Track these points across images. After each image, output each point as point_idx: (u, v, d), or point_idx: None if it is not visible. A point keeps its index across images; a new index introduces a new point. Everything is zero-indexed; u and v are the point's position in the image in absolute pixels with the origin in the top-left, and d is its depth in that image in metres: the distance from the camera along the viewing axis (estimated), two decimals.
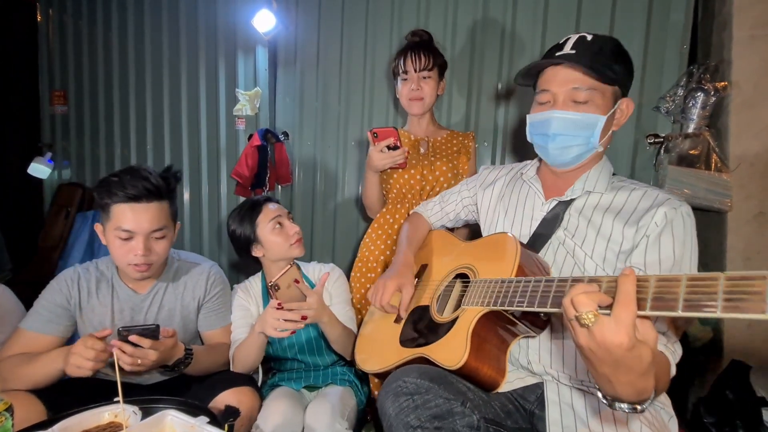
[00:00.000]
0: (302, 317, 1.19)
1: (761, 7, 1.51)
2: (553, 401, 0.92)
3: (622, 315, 0.61)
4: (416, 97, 1.59)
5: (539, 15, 1.80)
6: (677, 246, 0.86)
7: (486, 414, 0.91)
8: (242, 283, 1.51)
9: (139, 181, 1.17)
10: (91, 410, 0.97)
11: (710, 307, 0.55)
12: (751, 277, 0.54)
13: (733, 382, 1.43)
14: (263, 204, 1.43)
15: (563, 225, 0.99)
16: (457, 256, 1.15)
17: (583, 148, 0.97)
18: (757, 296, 0.52)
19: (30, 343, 1.20)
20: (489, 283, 0.92)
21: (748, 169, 1.55)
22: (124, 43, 2.45)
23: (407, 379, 0.86)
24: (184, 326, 1.35)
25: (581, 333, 0.65)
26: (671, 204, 0.89)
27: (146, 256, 1.19)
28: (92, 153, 2.57)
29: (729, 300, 0.54)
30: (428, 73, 1.57)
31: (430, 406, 0.82)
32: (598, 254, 0.93)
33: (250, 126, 2.27)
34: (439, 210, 1.37)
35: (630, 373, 0.63)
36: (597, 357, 0.64)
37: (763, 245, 1.55)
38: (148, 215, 1.18)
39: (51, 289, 1.26)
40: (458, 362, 0.88)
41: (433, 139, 1.68)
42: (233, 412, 0.99)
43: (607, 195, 0.98)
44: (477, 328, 0.90)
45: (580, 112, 0.94)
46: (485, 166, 1.32)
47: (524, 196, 1.11)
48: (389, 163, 1.51)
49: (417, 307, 1.15)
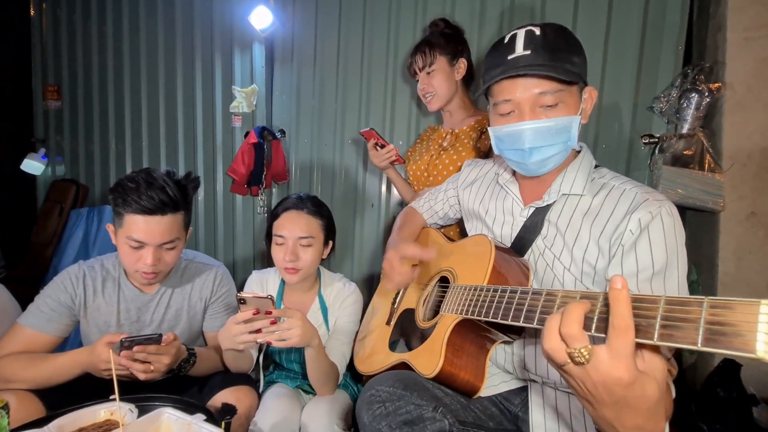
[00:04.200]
0: (272, 322, 1.08)
1: (755, 10, 1.53)
2: (537, 404, 0.92)
3: (618, 344, 0.51)
4: (426, 92, 1.58)
5: (536, 16, 1.81)
6: (656, 251, 0.80)
7: (465, 418, 0.91)
8: (261, 271, 1.48)
9: (155, 192, 1.12)
10: (87, 408, 0.96)
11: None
12: (688, 303, 0.48)
13: (724, 381, 1.45)
14: (292, 209, 1.35)
15: (542, 234, 0.95)
16: (441, 258, 1.14)
17: (562, 154, 0.91)
18: (691, 324, 0.47)
19: (28, 341, 1.18)
20: (464, 289, 0.91)
21: (741, 169, 1.57)
22: (118, 37, 2.43)
23: (380, 388, 0.88)
24: (189, 327, 1.35)
25: (574, 372, 0.55)
26: (648, 207, 0.82)
27: (155, 266, 1.17)
28: (86, 149, 2.55)
29: (664, 327, 0.49)
30: (432, 67, 1.55)
31: (401, 413, 0.84)
32: (575, 267, 0.89)
33: (246, 123, 2.26)
34: (429, 208, 1.35)
35: (636, 415, 0.54)
36: (595, 398, 0.55)
37: (755, 245, 1.57)
38: (161, 228, 1.15)
39: (55, 286, 1.23)
40: (433, 371, 0.89)
41: (458, 129, 1.63)
42: (230, 410, 0.99)
43: (585, 198, 0.91)
44: (452, 336, 0.90)
45: (552, 118, 0.86)
46: (468, 162, 1.26)
47: (502, 199, 1.06)
48: (385, 161, 1.55)
49: (405, 309, 1.16)
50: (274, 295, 1.41)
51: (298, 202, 1.36)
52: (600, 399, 0.54)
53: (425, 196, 1.38)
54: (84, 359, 1.12)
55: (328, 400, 1.27)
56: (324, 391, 1.28)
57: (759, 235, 1.57)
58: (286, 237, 1.31)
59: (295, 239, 1.31)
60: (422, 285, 1.16)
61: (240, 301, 1.07)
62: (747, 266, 1.58)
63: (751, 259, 1.57)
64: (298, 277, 1.33)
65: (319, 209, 1.38)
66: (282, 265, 1.32)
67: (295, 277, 1.32)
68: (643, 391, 0.53)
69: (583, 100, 0.91)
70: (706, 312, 0.46)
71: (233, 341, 1.09)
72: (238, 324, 1.07)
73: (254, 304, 1.07)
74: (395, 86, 2.04)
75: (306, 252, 1.32)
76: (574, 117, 0.88)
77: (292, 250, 1.30)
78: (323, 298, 1.42)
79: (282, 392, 1.32)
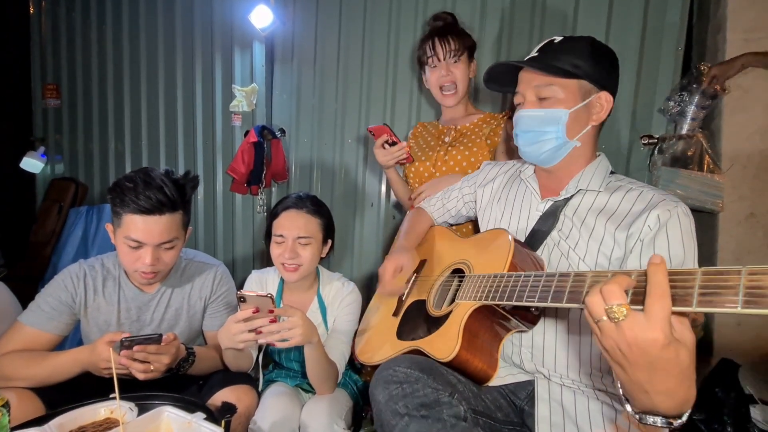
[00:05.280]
0: (271, 321, 1.08)
1: (755, 12, 1.53)
2: (543, 398, 0.93)
3: (654, 309, 0.54)
4: (448, 82, 1.52)
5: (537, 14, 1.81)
6: (674, 247, 0.84)
7: (476, 406, 0.92)
8: (260, 271, 1.48)
9: (153, 192, 1.12)
10: (87, 406, 0.97)
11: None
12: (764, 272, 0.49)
13: (722, 380, 1.45)
14: (292, 208, 1.35)
15: (558, 226, 0.99)
16: (454, 252, 1.16)
17: (553, 143, 0.98)
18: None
19: (29, 339, 1.19)
20: (482, 278, 0.93)
21: (740, 170, 1.57)
22: (118, 35, 2.42)
23: (397, 368, 0.88)
24: (189, 326, 1.35)
25: (609, 330, 0.58)
26: (665, 206, 0.87)
27: (154, 265, 1.17)
28: (85, 148, 2.55)
29: (703, 294, 0.52)
30: (458, 57, 1.50)
31: (419, 395, 0.83)
32: (590, 258, 0.92)
33: (246, 122, 2.26)
34: (441, 206, 1.37)
35: (668, 377, 0.57)
36: (628, 360, 0.57)
37: (754, 246, 1.58)
38: (159, 228, 1.15)
39: (56, 285, 1.23)
40: (450, 355, 0.90)
41: (460, 126, 1.60)
42: (230, 409, 0.99)
43: (603, 195, 0.97)
44: (469, 322, 0.91)
45: (543, 108, 0.98)
46: (487, 162, 1.31)
47: (521, 194, 1.12)
48: (392, 160, 1.50)
49: (415, 301, 1.17)
50: (273, 294, 1.41)
51: (298, 201, 1.37)
52: (633, 360, 0.57)
53: (437, 195, 1.40)
54: (84, 358, 1.12)
55: (328, 398, 1.28)
56: (323, 389, 1.28)
57: (758, 236, 1.57)
58: (286, 236, 1.32)
59: (294, 238, 1.32)
60: (432, 278, 1.17)
61: (240, 299, 1.07)
62: None
63: (750, 260, 1.58)
64: (297, 275, 1.33)
65: (319, 209, 1.38)
66: (281, 262, 1.33)
67: (294, 275, 1.33)
68: (677, 354, 0.55)
69: (592, 101, 0.97)
70: (745, 278, 0.49)
71: (233, 340, 1.09)
72: (237, 323, 1.08)
73: (254, 303, 1.07)
74: (395, 85, 2.04)
75: (305, 250, 1.33)
76: (562, 110, 0.96)
77: (291, 248, 1.31)
78: (322, 298, 1.43)
79: (282, 391, 1.32)
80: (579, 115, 0.97)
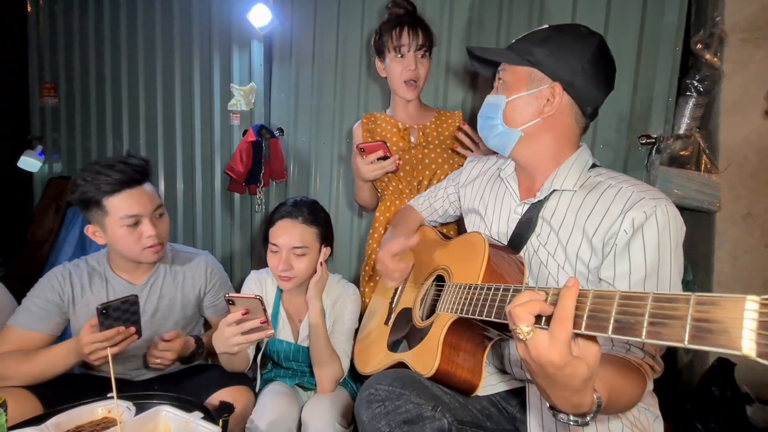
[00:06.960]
0: (262, 321, 1.08)
1: (752, 12, 1.54)
2: (534, 405, 0.92)
3: (556, 331, 0.58)
4: (412, 78, 1.44)
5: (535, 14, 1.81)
6: (649, 252, 0.80)
7: (463, 417, 0.92)
8: (259, 272, 1.47)
9: (120, 166, 1.18)
10: (84, 406, 0.97)
11: (636, 331, 0.50)
12: (676, 299, 0.48)
13: (718, 380, 1.46)
14: (287, 218, 1.33)
15: (536, 231, 0.95)
16: (437, 256, 1.15)
17: (498, 129, 0.96)
18: (678, 321, 0.47)
19: (20, 340, 1.19)
20: (459, 288, 0.91)
21: (737, 170, 1.58)
22: (116, 34, 2.41)
23: (379, 386, 0.89)
24: (184, 314, 1.37)
25: (519, 345, 0.64)
26: (643, 206, 0.81)
27: (158, 235, 1.22)
28: (83, 146, 2.54)
29: (652, 324, 0.49)
30: (425, 52, 1.45)
31: (401, 412, 0.84)
32: (569, 267, 0.90)
33: (244, 121, 2.26)
34: (428, 206, 1.34)
35: (564, 389, 0.62)
36: (532, 370, 0.63)
37: (751, 245, 1.58)
38: (146, 196, 1.21)
39: (42, 286, 1.24)
40: (430, 370, 0.90)
41: (422, 125, 1.57)
42: (227, 408, 0.99)
43: (578, 195, 0.91)
44: (448, 335, 0.91)
45: (491, 94, 0.99)
46: (470, 159, 1.26)
47: (501, 195, 1.07)
48: (380, 173, 1.43)
49: (403, 309, 1.16)
50: (272, 296, 1.42)
51: (293, 210, 1.34)
52: (535, 370, 0.63)
53: (424, 194, 1.37)
54: (75, 346, 1.12)
55: (329, 397, 1.28)
56: (324, 374, 1.29)
57: (755, 236, 1.58)
58: (280, 246, 1.31)
59: (289, 249, 1.30)
60: (419, 284, 1.16)
61: (229, 302, 1.09)
62: (743, 266, 1.59)
63: (746, 259, 1.59)
64: (291, 285, 1.33)
65: (315, 217, 1.36)
66: (276, 272, 1.33)
67: (288, 285, 1.33)
68: (573, 372, 0.59)
69: (539, 93, 0.91)
70: (693, 309, 0.46)
71: (227, 344, 1.09)
72: (230, 326, 1.08)
73: (243, 305, 1.08)
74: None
75: (300, 261, 1.32)
76: (501, 97, 0.96)
77: (286, 259, 1.30)
78: (322, 300, 1.42)
79: (279, 390, 1.32)
80: (521, 105, 0.93)
